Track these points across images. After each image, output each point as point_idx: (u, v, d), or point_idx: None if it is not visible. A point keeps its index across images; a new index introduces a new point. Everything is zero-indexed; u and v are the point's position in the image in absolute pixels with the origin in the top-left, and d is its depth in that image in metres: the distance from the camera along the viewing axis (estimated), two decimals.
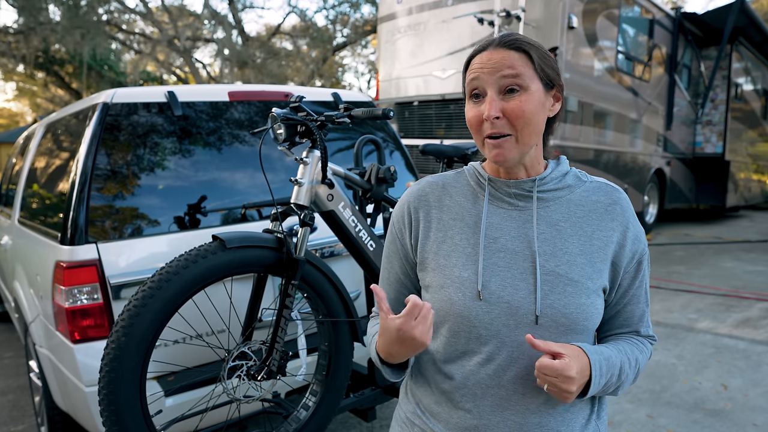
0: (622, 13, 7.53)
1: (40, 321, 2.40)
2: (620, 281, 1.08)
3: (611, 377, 1.03)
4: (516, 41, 1.02)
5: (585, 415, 1.09)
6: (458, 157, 2.68)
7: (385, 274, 1.21)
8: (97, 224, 2.10)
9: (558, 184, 1.09)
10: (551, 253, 1.04)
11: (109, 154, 2.19)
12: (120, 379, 1.64)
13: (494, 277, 1.04)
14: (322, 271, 2.11)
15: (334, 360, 2.19)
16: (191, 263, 1.74)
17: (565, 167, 1.11)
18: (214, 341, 2.27)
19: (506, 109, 1.00)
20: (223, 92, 2.57)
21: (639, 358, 1.09)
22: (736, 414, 3.11)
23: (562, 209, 1.07)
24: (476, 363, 1.04)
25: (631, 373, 1.08)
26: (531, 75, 1.01)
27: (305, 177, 2.01)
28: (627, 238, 1.07)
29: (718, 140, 10.13)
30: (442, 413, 1.09)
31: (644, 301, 1.11)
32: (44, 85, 22.33)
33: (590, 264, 1.04)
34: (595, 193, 1.09)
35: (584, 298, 1.02)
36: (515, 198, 1.08)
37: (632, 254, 1.07)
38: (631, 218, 1.08)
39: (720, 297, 5.51)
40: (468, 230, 1.09)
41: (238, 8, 20.20)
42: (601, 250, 1.05)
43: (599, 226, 1.06)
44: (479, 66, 1.03)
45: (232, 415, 2.23)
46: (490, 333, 1.02)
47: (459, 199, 1.13)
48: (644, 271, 1.10)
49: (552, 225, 1.06)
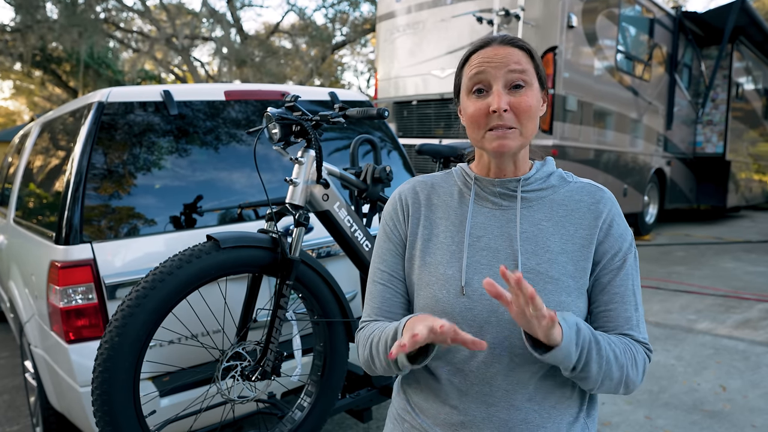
0: (622, 11, 7.51)
1: (35, 321, 2.39)
2: (598, 277, 1.07)
3: (582, 332, 0.96)
4: (518, 40, 1.06)
5: (573, 412, 1.08)
6: (454, 157, 2.68)
7: (375, 277, 1.18)
8: (92, 224, 2.09)
9: (542, 185, 1.11)
10: (532, 252, 1.05)
11: (104, 153, 2.18)
12: (113, 379, 1.64)
13: (477, 275, 1.05)
14: (317, 272, 2.10)
15: (329, 360, 2.19)
16: (185, 263, 1.73)
17: (550, 168, 1.13)
18: (208, 342, 2.26)
19: (513, 103, 1.02)
20: (219, 91, 2.56)
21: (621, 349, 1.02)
22: (735, 415, 3.10)
23: (545, 209, 1.09)
24: (460, 359, 1.06)
25: (613, 360, 1.00)
26: (532, 73, 1.05)
27: (300, 177, 2.00)
28: (609, 235, 1.07)
29: (718, 140, 10.09)
30: (430, 409, 1.10)
31: (632, 303, 1.07)
32: (41, 84, 22.32)
33: (572, 262, 1.05)
34: (579, 193, 1.10)
35: (564, 296, 1.03)
36: (500, 197, 1.10)
37: (614, 251, 1.07)
38: (615, 217, 1.09)
39: (720, 298, 5.49)
40: (453, 229, 1.11)
41: (237, 6, 20.22)
42: (583, 248, 1.06)
43: (581, 225, 1.07)
44: (485, 60, 1.04)
45: (227, 416, 2.22)
46: (473, 329, 1.03)
47: (446, 198, 1.15)
48: (629, 272, 1.08)
49: (534, 224, 1.08)
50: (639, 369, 1.05)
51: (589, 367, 0.97)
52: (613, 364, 1.00)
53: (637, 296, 1.09)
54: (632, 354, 1.05)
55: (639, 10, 7.99)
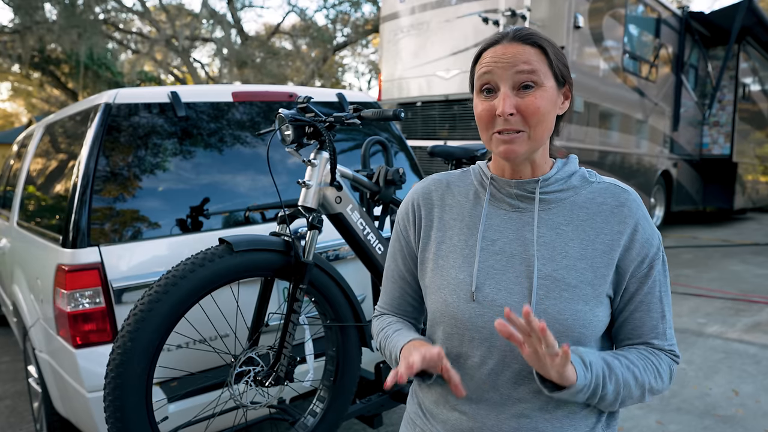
0: (629, 12, 7.47)
1: (40, 325, 2.35)
2: (626, 285, 1.02)
3: (594, 368, 0.94)
4: (531, 35, 0.99)
5: (589, 423, 1.03)
6: (467, 159, 2.64)
7: (388, 272, 1.21)
8: (99, 227, 2.05)
9: (562, 186, 1.05)
10: (549, 257, 1.00)
11: (111, 155, 2.15)
12: (126, 385, 1.62)
13: (489, 280, 1.02)
14: (330, 275, 2.07)
15: (341, 365, 2.16)
16: (198, 267, 1.70)
17: (572, 167, 1.07)
18: (218, 346, 2.22)
19: (520, 106, 0.97)
20: (226, 93, 2.53)
21: (641, 367, 1.00)
22: (748, 420, 3.05)
23: (565, 211, 1.03)
24: (471, 366, 1.04)
25: (632, 381, 0.98)
26: (546, 71, 0.99)
27: (313, 179, 1.96)
28: (635, 241, 1.00)
29: (725, 141, 10.01)
30: (440, 414, 1.09)
31: (658, 310, 1.03)
32: (40, 86, 22.25)
33: (592, 269, 0.99)
34: (602, 195, 1.04)
35: (582, 305, 0.98)
36: (517, 199, 1.05)
37: (641, 258, 1.01)
38: (641, 220, 1.02)
39: (729, 301, 5.45)
40: (467, 231, 1.07)
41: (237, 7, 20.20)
42: (605, 254, 1.00)
43: (603, 230, 1.01)
44: (492, 60, 0.99)
45: (239, 422, 2.19)
46: (483, 336, 1.01)
47: (461, 198, 1.11)
48: (656, 278, 1.02)
49: (553, 228, 1.02)
50: (664, 379, 1.03)
51: (605, 396, 0.97)
52: (632, 386, 0.99)
53: (664, 303, 1.04)
54: (654, 367, 1.02)
55: (645, 11, 7.96)
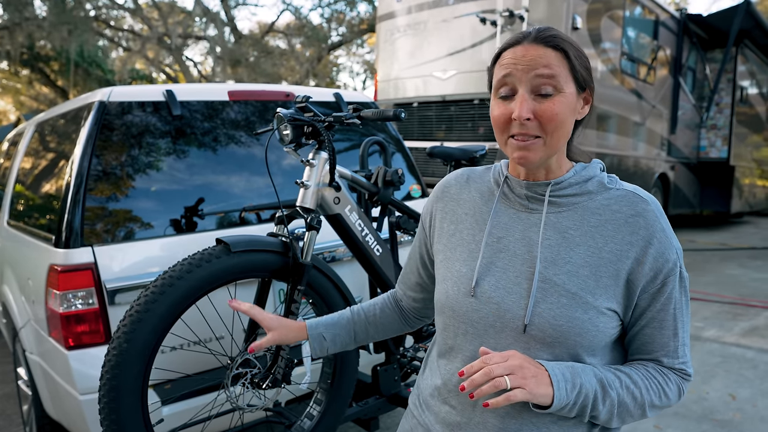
0: (627, 14, 7.46)
1: (30, 326, 2.31)
2: (637, 300, 0.98)
3: (584, 389, 0.93)
4: (554, 38, 0.96)
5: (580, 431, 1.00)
6: (466, 160, 2.62)
7: (411, 250, 1.28)
8: (93, 227, 2.02)
9: (577, 190, 1.02)
10: (552, 261, 0.98)
11: (105, 154, 2.11)
12: (122, 386, 1.59)
13: (489, 277, 1.02)
14: (328, 277, 2.04)
15: (339, 368, 2.14)
16: (195, 267, 1.67)
17: (590, 172, 1.04)
18: (214, 348, 2.19)
19: (538, 111, 0.94)
20: (222, 91, 2.49)
21: (644, 387, 0.98)
22: (745, 425, 3.04)
23: (575, 216, 1.01)
24: (461, 360, 1.04)
25: (630, 402, 0.97)
26: (566, 76, 0.96)
27: (312, 179, 1.93)
28: (647, 255, 0.96)
29: (723, 145, 10.00)
30: (434, 406, 1.10)
31: (670, 327, 0.99)
32: (29, 83, 21.98)
33: (594, 277, 0.96)
34: (618, 203, 1.00)
35: (580, 313, 0.94)
36: (527, 200, 1.04)
37: (653, 273, 0.96)
38: (657, 233, 0.97)
39: (726, 305, 5.45)
40: (476, 226, 1.09)
41: (231, 5, 20.10)
42: (611, 264, 0.96)
43: (613, 238, 0.97)
44: (512, 61, 0.96)
45: (235, 425, 2.16)
46: (476, 331, 1.02)
47: (475, 194, 1.12)
48: (671, 295, 0.98)
49: (560, 232, 1.00)
50: (670, 397, 1.01)
51: (597, 416, 0.96)
52: (629, 407, 0.98)
53: (678, 321, 1.00)
54: (659, 387, 0.99)
55: (643, 13, 7.95)
